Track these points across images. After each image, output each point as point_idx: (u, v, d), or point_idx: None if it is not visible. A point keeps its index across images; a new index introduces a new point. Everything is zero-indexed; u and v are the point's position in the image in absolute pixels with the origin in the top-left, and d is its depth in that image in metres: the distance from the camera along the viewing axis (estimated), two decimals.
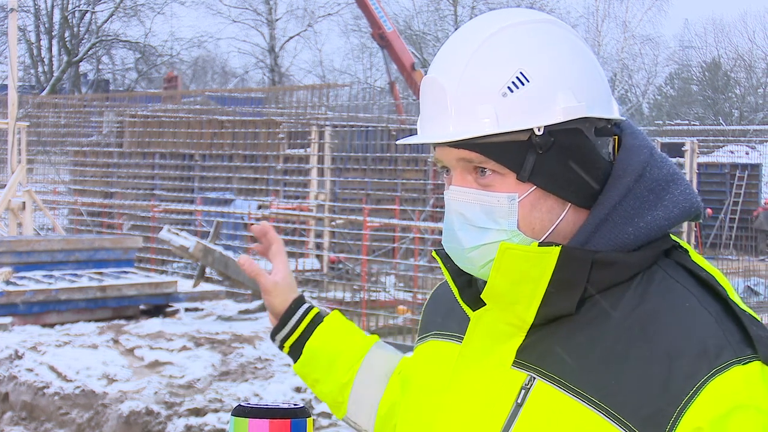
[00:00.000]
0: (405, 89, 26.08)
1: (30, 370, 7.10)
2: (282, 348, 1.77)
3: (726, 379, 1.20)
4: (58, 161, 18.34)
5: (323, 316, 1.77)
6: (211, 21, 78.40)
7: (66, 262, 9.98)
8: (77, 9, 37.92)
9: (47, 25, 37.76)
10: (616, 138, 1.36)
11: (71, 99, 23.76)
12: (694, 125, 36.01)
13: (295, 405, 1.27)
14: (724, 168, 23.38)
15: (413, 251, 13.47)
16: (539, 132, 1.27)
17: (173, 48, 41.04)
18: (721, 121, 40.73)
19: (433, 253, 1.45)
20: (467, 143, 1.29)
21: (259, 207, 13.90)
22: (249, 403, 1.26)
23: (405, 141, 1.36)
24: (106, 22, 38.41)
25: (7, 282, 9.10)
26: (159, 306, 9.63)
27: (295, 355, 1.76)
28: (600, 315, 1.29)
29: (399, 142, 1.39)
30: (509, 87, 1.27)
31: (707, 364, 1.21)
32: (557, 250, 1.27)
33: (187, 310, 9.74)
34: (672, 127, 31.87)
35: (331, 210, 13.76)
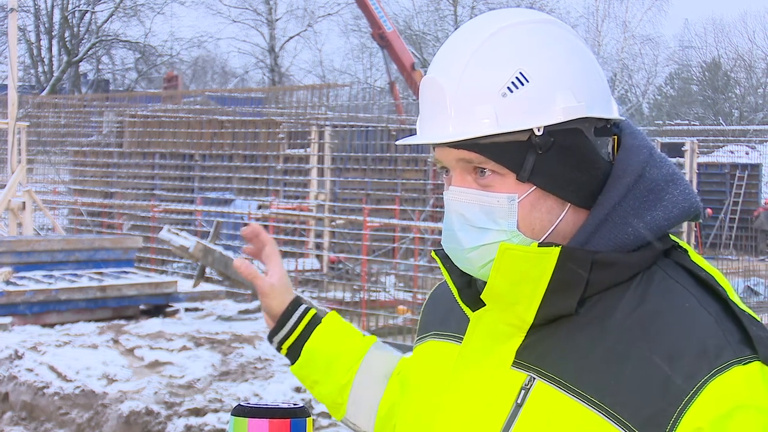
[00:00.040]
0: (405, 89, 26.07)
1: (30, 370, 7.10)
2: (279, 349, 1.76)
3: (726, 380, 1.20)
4: (58, 161, 18.34)
5: (321, 317, 1.76)
6: (211, 21, 78.49)
7: (66, 262, 9.99)
8: (77, 9, 37.93)
9: (47, 25, 37.76)
10: (615, 138, 1.36)
11: (71, 99, 23.75)
12: (694, 125, 36.00)
13: (295, 405, 1.27)
14: (724, 168, 23.38)
15: (413, 251, 13.46)
16: (539, 132, 1.27)
17: (173, 48, 41.10)
18: (721, 121, 40.72)
19: (433, 254, 1.45)
20: (467, 143, 1.29)
21: (259, 207, 13.90)
22: (248, 403, 1.26)
23: (404, 141, 1.36)
24: (106, 22, 38.45)
25: (7, 282, 9.10)
26: (159, 306, 9.64)
27: (293, 357, 1.75)
28: (600, 315, 1.29)
29: (398, 142, 1.39)
30: (509, 87, 1.27)
31: (707, 364, 1.21)
32: (557, 250, 1.27)
33: (187, 310, 9.74)
34: (672, 127, 31.87)
35: (331, 210, 13.76)
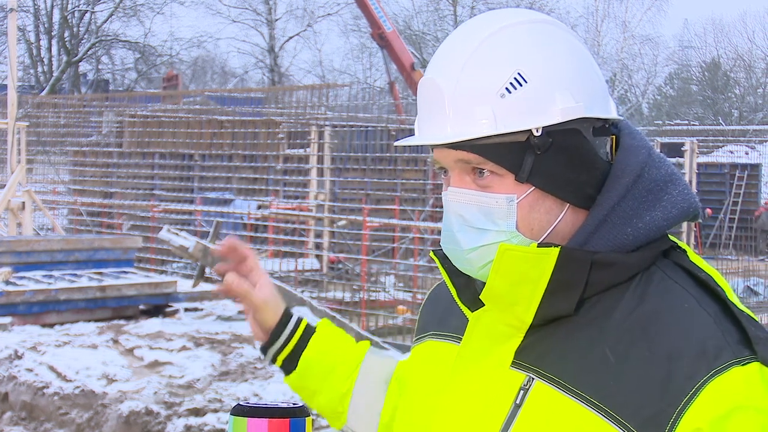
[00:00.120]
0: (404, 89, 26.05)
1: (30, 370, 7.10)
2: (274, 361, 1.71)
3: (725, 380, 1.20)
4: (57, 161, 18.33)
5: (313, 326, 1.73)
6: (211, 21, 78.40)
7: (65, 262, 9.98)
8: (77, 9, 37.93)
9: (47, 25, 37.76)
10: (613, 138, 1.35)
11: (71, 99, 23.76)
12: (693, 125, 35.99)
13: (294, 404, 1.27)
14: (723, 168, 23.38)
15: (413, 251, 13.46)
16: (537, 133, 1.27)
17: (173, 48, 41.11)
18: (721, 121, 40.72)
19: (431, 254, 1.44)
20: (465, 144, 1.28)
21: (259, 207, 13.90)
22: (248, 403, 1.26)
23: (403, 142, 1.36)
24: (105, 22, 38.46)
25: (7, 282, 9.10)
26: (159, 306, 9.63)
27: (289, 368, 1.70)
28: (599, 316, 1.28)
29: (397, 143, 1.39)
30: (507, 88, 1.27)
31: (706, 364, 1.21)
32: (556, 251, 1.27)
33: (187, 310, 9.74)
34: (671, 127, 31.87)
35: (331, 210, 13.75)
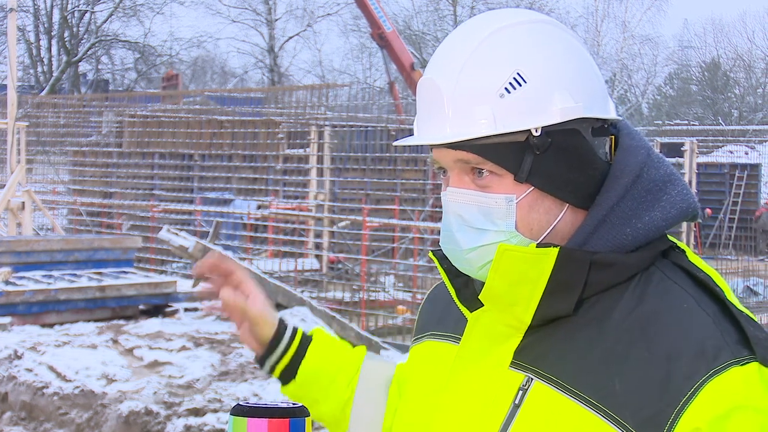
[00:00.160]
0: (404, 89, 26.05)
1: (29, 370, 7.09)
2: (271, 372, 1.70)
3: (724, 380, 1.20)
4: (57, 161, 18.34)
5: (309, 335, 1.72)
6: (211, 21, 78.35)
7: (65, 262, 9.98)
8: (76, 9, 37.92)
9: (46, 25, 37.75)
10: (612, 138, 1.36)
11: (70, 99, 23.76)
12: (693, 125, 36.01)
13: (294, 404, 1.27)
14: (723, 168, 23.39)
15: (413, 251, 13.46)
16: (537, 133, 1.27)
17: (172, 48, 41.09)
18: (721, 121, 40.72)
19: (430, 254, 1.44)
20: (464, 144, 1.28)
21: (259, 207, 13.90)
22: (248, 402, 1.26)
23: (401, 142, 1.36)
24: (105, 22, 38.45)
25: (7, 282, 9.10)
26: (158, 306, 9.63)
27: (287, 378, 1.69)
28: (598, 316, 1.28)
29: (396, 143, 1.39)
30: (506, 88, 1.27)
31: (705, 365, 1.21)
32: (555, 251, 1.27)
33: (187, 310, 9.73)
34: (671, 127, 31.88)
35: (331, 210, 13.76)
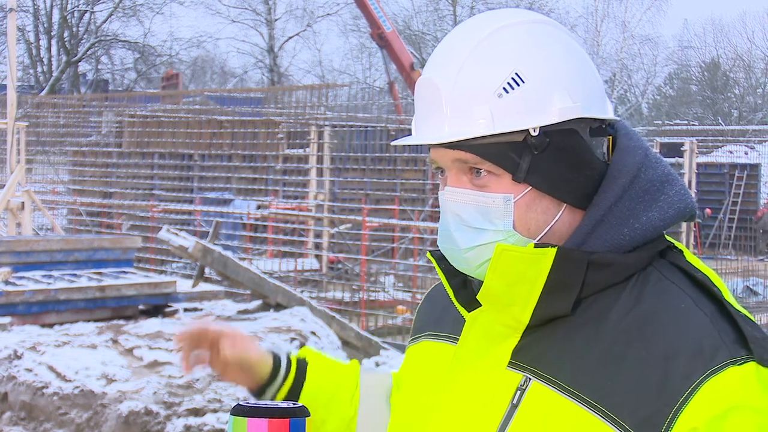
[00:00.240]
0: (404, 89, 26.05)
1: (29, 370, 7.09)
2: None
3: (721, 380, 1.20)
4: (57, 161, 18.33)
5: (303, 358, 1.71)
6: (210, 21, 78.26)
7: (65, 262, 9.97)
8: (76, 9, 37.91)
9: (46, 25, 37.74)
10: (610, 138, 1.36)
11: (70, 99, 23.76)
12: (693, 125, 36.01)
13: (294, 404, 1.27)
14: (723, 168, 23.41)
15: (412, 251, 13.46)
16: (535, 133, 1.27)
17: (172, 48, 41.07)
18: (720, 121, 40.71)
19: (428, 254, 1.44)
20: (462, 144, 1.29)
21: (258, 207, 13.90)
22: (248, 402, 1.26)
23: (400, 142, 1.36)
24: (105, 22, 38.43)
25: (6, 282, 9.09)
26: (158, 306, 9.62)
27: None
28: (596, 316, 1.29)
29: (394, 142, 1.39)
30: (505, 88, 1.27)
31: (703, 364, 1.21)
32: (553, 251, 1.27)
33: (186, 310, 9.72)
34: (671, 127, 31.88)
35: (330, 210, 13.76)
